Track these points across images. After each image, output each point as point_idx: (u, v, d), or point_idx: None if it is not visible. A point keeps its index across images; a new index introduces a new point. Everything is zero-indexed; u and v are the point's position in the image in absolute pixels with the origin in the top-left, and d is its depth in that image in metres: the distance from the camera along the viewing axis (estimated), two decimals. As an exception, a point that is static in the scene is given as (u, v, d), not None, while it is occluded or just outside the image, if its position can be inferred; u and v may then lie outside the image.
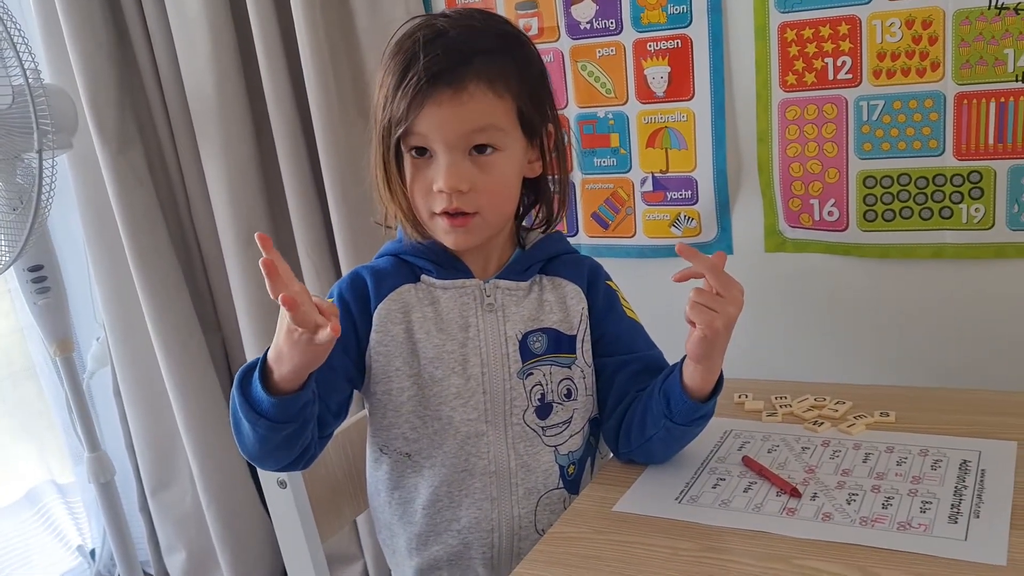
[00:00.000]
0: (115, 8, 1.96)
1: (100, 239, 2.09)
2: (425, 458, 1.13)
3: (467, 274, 1.13)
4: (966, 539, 0.89)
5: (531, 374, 1.12)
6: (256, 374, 0.97)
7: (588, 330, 1.15)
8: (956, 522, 0.92)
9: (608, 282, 1.20)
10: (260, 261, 0.88)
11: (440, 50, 1.03)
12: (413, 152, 1.06)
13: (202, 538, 2.21)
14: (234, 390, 1.00)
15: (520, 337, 1.12)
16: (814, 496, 1.00)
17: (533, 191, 1.17)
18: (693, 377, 1.04)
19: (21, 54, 1.57)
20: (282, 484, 1.17)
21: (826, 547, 0.91)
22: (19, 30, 1.59)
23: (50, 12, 1.92)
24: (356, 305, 1.12)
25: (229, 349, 2.18)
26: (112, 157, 1.94)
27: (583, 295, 1.16)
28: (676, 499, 1.03)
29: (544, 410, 1.13)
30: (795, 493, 1.01)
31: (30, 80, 1.59)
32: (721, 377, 1.06)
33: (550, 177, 1.16)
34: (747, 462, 1.09)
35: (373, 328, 1.11)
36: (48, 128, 1.62)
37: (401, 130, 1.04)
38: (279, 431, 0.99)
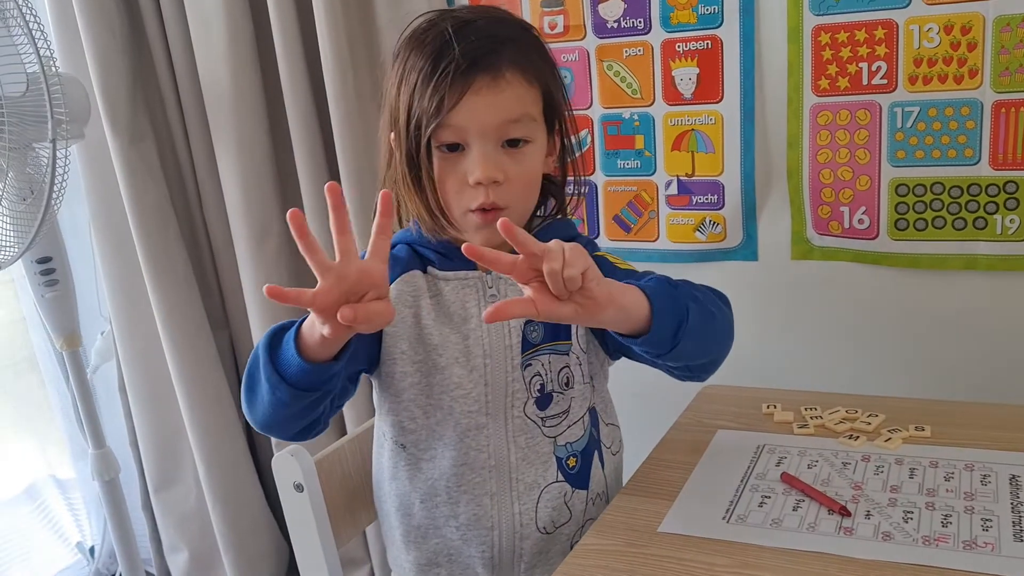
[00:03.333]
0: (130, -4, 1.93)
1: (108, 232, 2.06)
2: (423, 451, 1.11)
3: (471, 266, 1.09)
4: None
5: (530, 364, 1.09)
6: (292, 334, 0.91)
7: None
8: (1023, 540, 0.89)
9: (598, 253, 1.13)
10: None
11: (473, 36, 1.01)
12: (444, 148, 1.03)
13: (205, 538, 2.18)
14: (260, 349, 0.94)
15: (521, 327, 1.08)
16: (868, 514, 0.97)
17: (546, 186, 1.14)
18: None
19: (36, 41, 1.53)
20: (299, 488, 1.14)
21: (883, 567, 0.87)
22: (35, 16, 1.55)
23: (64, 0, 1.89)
24: None
25: (237, 347, 2.14)
26: (123, 149, 1.91)
27: None
28: (723, 518, 0.99)
29: (544, 400, 1.09)
30: (844, 511, 0.97)
31: (45, 68, 1.55)
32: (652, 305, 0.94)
33: (570, 176, 1.14)
34: (786, 479, 1.05)
35: None
36: (63, 117, 1.58)
37: (435, 124, 1.00)
38: (301, 399, 0.94)
